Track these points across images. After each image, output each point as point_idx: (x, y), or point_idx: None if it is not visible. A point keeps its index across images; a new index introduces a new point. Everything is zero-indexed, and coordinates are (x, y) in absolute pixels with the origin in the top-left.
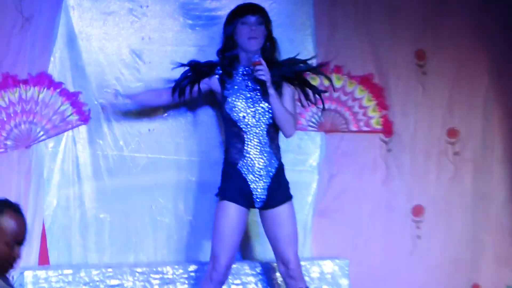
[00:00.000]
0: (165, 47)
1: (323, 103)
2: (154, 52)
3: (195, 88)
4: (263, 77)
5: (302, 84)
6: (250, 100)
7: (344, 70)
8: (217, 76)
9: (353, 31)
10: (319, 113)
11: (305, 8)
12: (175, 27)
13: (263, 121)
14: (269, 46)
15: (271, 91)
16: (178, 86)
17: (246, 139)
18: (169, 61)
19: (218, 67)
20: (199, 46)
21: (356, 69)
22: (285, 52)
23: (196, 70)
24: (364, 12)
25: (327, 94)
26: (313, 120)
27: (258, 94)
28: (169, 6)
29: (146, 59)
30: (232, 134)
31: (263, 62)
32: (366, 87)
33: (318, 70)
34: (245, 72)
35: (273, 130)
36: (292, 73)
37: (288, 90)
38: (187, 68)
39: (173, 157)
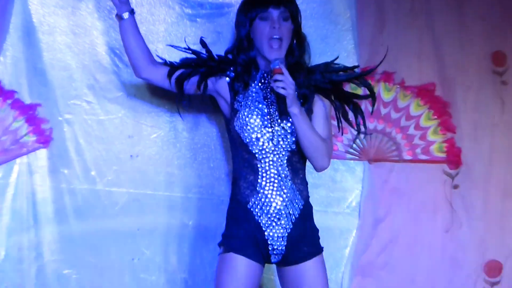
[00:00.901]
0: (155, 45)
1: (364, 125)
2: None
3: (196, 80)
4: (282, 91)
5: (340, 99)
6: (268, 117)
7: (395, 78)
8: (227, 79)
9: (407, 25)
10: (361, 136)
11: None
12: (169, 18)
13: (284, 146)
14: (296, 46)
15: (294, 109)
16: (180, 70)
17: (260, 169)
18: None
19: (231, 69)
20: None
21: (411, 76)
22: (316, 52)
23: (206, 62)
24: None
25: (370, 108)
26: (353, 144)
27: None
28: None
29: (128, 59)
30: (242, 163)
31: (284, 70)
32: (425, 101)
33: (363, 79)
34: (263, 80)
35: (298, 158)
36: (326, 83)
37: (320, 106)
38: (192, 56)
39: (163, 194)
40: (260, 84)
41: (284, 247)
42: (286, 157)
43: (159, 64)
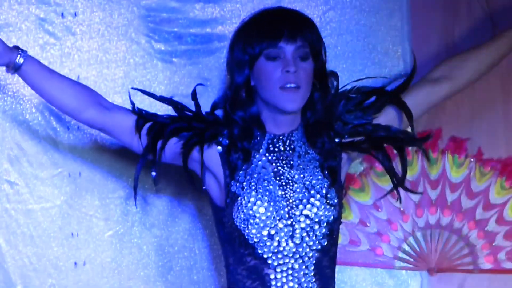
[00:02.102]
0: (111, 97)
1: (404, 178)
2: None
3: (177, 145)
4: None
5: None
6: (284, 203)
7: (469, 148)
8: (219, 148)
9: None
10: (418, 233)
11: (394, 10)
12: (131, 58)
13: (311, 243)
14: (319, 96)
15: None
16: (156, 130)
17: (274, 282)
18: None
19: (224, 133)
20: (180, 95)
21: (494, 145)
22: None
23: (191, 122)
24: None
25: (434, 197)
26: (406, 247)
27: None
28: (119, 16)
29: (72, 120)
30: (244, 273)
31: None
32: None
33: (420, 144)
34: (273, 148)
35: (328, 260)
36: (362, 144)
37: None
38: (173, 113)
39: None
40: (267, 154)
41: None
42: (314, 261)
43: (118, 108)
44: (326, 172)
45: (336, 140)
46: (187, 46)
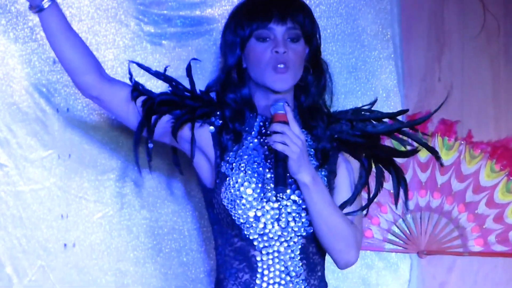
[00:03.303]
0: None
1: (406, 200)
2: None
3: (169, 123)
4: (281, 148)
5: (377, 159)
6: (273, 185)
7: (459, 130)
8: (211, 128)
9: (477, 51)
10: (408, 215)
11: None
12: (121, 40)
13: (297, 229)
14: (313, 80)
15: (304, 176)
16: (152, 105)
17: (260, 264)
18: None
19: (217, 113)
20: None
21: (483, 127)
22: (340, 92)
23: (185, 100)
24: None
25: (423, 179)
26: (395, 229)
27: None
28: None
29: (61, 102)
30: (231, 254)
31: (290, 117)
32: (503, 165)
33: (413, 132)
34: (264, 130)
35: (316, 247)
36: (357, 136)
37: (345, 169)
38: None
39: None
40: (259, 136)
41: None
42: (300, 246)
43: (115, 80)
44: (319, 155)
45: (335, 134)
46: (177, 29)
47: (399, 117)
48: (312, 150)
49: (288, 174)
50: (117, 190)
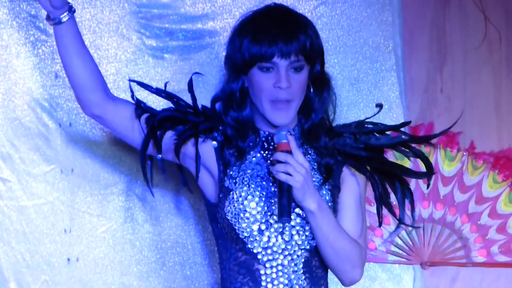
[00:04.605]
0: None
1: (413, 213)
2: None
3: (172, 139)
4: (288, 180)
5: (380, 172)
6: (275, 201)
7: (461, 141)
8: (214, 143)
9: (479, 62)
10: (410, 228)
11: (385, 5)
12: (123, 54)
13: (300, 242)
14: (315, 96)
15: (310, 204)
16: (155, 122)
17: (264, 277)
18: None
19: (220, 128)
20: (172, 91)
21: (486, 138)
22: (342, 104)
23: (187, 116)
24: None
25: (426, 190)
26: (399, 241)
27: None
28: (110, 12)
29: (64, 117)
30: (235, 268)
31: (293, 145)
32: (505, 176)
33: (414, 149)
34: (267, 145)
35: (319, 260)
36: (360, 150)
37: (351, 183)
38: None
39: None
40: (262, 151)
41: None
42: (303, 260)
43: (119, 99)
44: (323, 169)
45: (338, 148)
46: (178, 42)
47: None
48: (316, 164)
49: (293, 203)
50: (120, 204)
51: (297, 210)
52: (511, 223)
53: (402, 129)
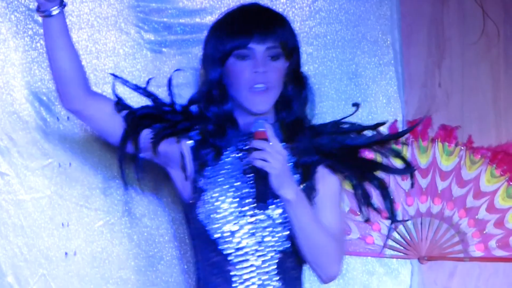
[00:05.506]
0: (101, 87)
1: (392, 211)
2: None
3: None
4: (264, 166)
5: (357, 172)
6: (249, 200)
7: (459, 136)
8: (190, 142)
9: (477, 57)
10: (408, 223)
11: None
12: (121, 48)
13: (272, 243)
14: (294, 95)
15: (287, 193)
16: (134, 119)
17: (236, 279)
18: None
19: (196, 128)
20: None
21: (483, 133)
22: (341, 98)
23: (165, 114)
24: None
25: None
26: (396, 235)
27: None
28: (108, 6)
29: (62, 111)
30: (208, 269)
31: (271, 134)
32: (503, 170)
33: (389, 146)
34: (243, 146)
35: (293, 262)
36: (337, 150)
37: (329, 182)
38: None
39: None
40: (237, 151)
41: None
42: (276, 261)
43: (100, 94)
44: (300, 169)
45: (316, 147)
46: (177, 36)
47: (402, 129)
48: (293, 164)
49: (270, 191)
50: (118, 198)
51: (268, 211)
52: (509, 218)
53: (403, 129)
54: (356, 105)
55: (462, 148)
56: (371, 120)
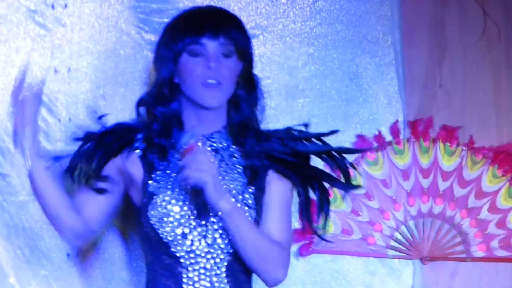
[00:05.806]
0: (102, 89)
1: (325, 218)
2: (80, 98)
3: (103, 170)
4: (198, 181)
5: (305, 179)
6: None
7: (460, 136)
8: (138, 152)
9: (478, 57)
10: (408, 219)
11: None
12: (123, 49)
13: (223, 246)
14: (244, 95)
15: (223, 204)
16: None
17: (186, 280)
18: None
19: (140, 136)
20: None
21: (485, 133)
22: (341, 99)
23: (101, 139)
24: None
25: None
26: (398, 235)
27: None
28: (109, 7)
29: (63, 112)
30: (159, 271)
31: (196, 145)
32: (505, 170)
33: (339, 158)
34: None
35: (242, 265)
36: (287, 155)
37: (277, 186)
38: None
39: None
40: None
41: None
42: (226, 263)
43: (80, 205)
44: (248, 172)
45: (265, 150)
46: None
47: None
48: (241, 167)
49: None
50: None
51: (219, 213)
52: (510, 218)
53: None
54: (305, 125)
55: (464, 148)
56: (372, 120)
